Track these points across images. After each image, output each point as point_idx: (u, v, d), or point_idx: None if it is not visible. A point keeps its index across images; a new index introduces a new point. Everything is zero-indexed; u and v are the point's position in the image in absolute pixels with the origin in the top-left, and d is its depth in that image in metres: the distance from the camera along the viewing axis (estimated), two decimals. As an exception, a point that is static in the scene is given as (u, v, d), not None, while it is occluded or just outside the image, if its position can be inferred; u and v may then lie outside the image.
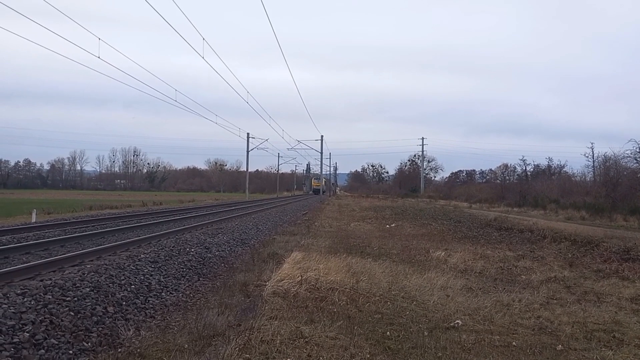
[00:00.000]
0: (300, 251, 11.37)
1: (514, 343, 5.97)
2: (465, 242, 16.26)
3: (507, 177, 74.39)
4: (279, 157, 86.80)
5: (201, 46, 18.71)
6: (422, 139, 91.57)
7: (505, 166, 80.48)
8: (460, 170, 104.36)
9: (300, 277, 8.19)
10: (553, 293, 8.92)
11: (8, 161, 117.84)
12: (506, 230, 20.53)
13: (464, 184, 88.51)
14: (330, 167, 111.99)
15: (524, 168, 69.53)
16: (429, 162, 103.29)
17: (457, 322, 6.66)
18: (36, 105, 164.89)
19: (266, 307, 6.85)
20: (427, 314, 7.14)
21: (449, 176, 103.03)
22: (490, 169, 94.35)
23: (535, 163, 70.91)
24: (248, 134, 57.52)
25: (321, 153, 62.56)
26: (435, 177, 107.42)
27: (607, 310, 7.70)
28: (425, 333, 6.21)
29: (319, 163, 64.89)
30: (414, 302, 7.71)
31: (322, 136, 60.90)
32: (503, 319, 6.99)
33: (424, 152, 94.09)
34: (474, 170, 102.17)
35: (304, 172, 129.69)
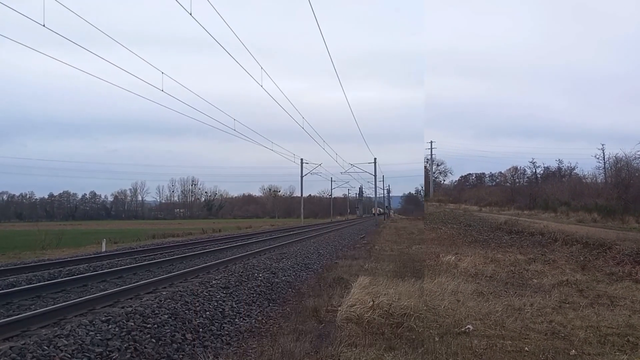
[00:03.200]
0: (366, 275, 11.20)
1: (526, 348, 5.83)
2: (475, 246, 16.01)
3: (517, 180, 71.84)
4: (332, 181, 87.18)
5: (259, 75, 19.32)
6: (431, 142, 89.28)
7: (515, 169, 77.81)
8: (469, 174, 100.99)
9: (372, 302, 8.00)
10: (565, 297, 8.74)
11: (76, 194, 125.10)
12: (517, 233, 20.13)
13: (473, 187, 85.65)
14: (383, 189, 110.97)
15: (534, 170, 67.02)
16: (437, 165, 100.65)
17: (468, 327, 6.51)
18: (111, 139, 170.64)
19: (342, 334, 6.75)
20: (438, 319, 7.04)
21: (459, 179, 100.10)
22: (500, 172, 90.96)
23: (546, 165, 68.06)
24: (302, 159, 58.16)
25: (375, 176, 62.11)
26: (444, 180, 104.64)
27: (620, 314, 7.53)
28: (436, 338, 6.12)
29: (372, 186, 64.34)
30: (425, 307, 7.60)
31: (375, 159, 60.42)
32: (515, 324, 6.84)
33: (433, 156, 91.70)
34: (483, 174, 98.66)
35: (357, 195, 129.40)
